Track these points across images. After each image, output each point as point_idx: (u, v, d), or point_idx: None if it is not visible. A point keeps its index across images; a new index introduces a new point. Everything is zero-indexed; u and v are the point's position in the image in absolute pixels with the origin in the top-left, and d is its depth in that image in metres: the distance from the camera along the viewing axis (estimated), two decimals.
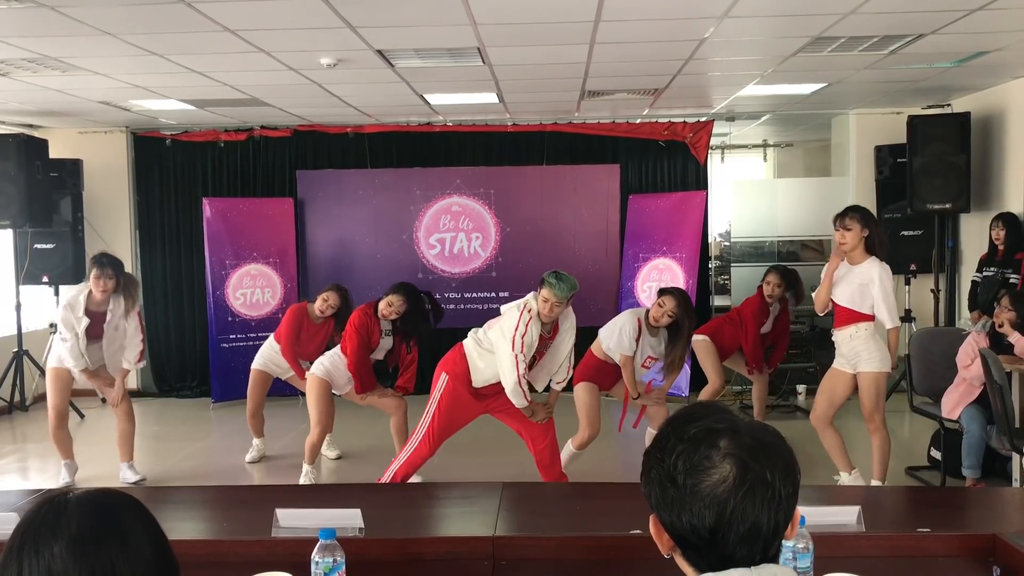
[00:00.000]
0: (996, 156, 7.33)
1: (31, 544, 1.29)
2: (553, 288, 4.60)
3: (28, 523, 1.31)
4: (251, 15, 4.58)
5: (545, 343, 4.88)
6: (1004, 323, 5.17)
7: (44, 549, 1.28)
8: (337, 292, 6.26)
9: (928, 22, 5.00)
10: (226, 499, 3.48)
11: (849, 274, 5.03)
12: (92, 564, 1.28)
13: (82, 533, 1.29)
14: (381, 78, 6.27)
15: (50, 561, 1.27)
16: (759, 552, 1.31)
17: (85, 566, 1.27)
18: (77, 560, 1.27)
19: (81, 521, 1.31)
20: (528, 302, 4.72)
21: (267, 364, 6.32)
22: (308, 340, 6.26)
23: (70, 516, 1.31)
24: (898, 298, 8.33)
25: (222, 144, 8.82)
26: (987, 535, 2.53)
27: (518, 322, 4.66)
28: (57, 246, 8.31)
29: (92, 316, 5.62)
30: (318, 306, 6.18)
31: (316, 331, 6.30)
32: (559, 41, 5.30)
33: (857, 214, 5.00)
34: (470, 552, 2.55)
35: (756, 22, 4.96)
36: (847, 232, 4.95)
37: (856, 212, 5.02)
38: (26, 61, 5.52)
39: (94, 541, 1.29)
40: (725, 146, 11.25)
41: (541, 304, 4.66)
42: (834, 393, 5.17)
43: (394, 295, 5.73)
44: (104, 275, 5.55)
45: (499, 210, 8.69)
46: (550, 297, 4.61)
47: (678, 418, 1.39)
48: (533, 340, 4.69)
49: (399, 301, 5.71)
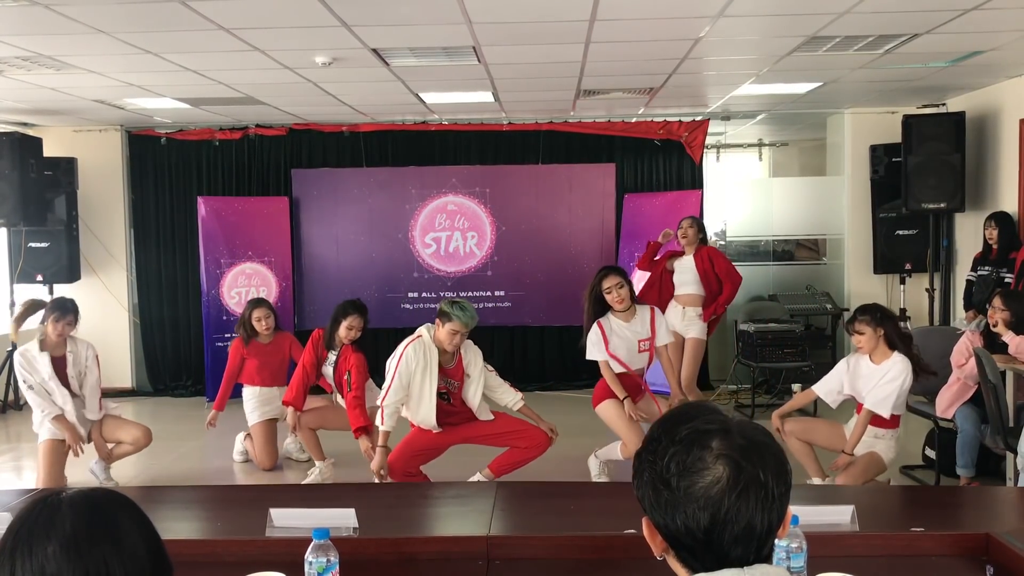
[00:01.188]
0: (990, 156, 7.34)
1: (24, 544, 1.28)
2: (460, 318, 4.72)
3: (21, 523, 1.31)
4: (246, 13, 4.57)
5: (450, 375, 4.91)
6: (998, 323, 5.18)
7: (38, 549, 1.27)
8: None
9: (923, 22, 5.01)
10: (220, 499, 3.48)
11: (874, 373, 4.70)
12: (86, 564, 1.27)
13: (76, 533, 1.29)
14: (376, 77, 6.26)
15: (43, 561, 1.26)
16: (753, 552, 1.32)
17: (79, 566, 1.27)
18: (71, 560, 1.27)
19: (75, 521, 1.30)
20: (419, 331, 4.87)
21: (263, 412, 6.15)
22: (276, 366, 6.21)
23: (64, 516, 1.30)
24: (893, 298, 8.42)
25: (217, 143, 8.80)
26: (980, 534, 2.53)
27: (401, 351, 4.80)
28: (51, 245, 8.29)
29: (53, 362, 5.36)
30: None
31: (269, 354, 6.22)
32: (554, 40, 5.29)
33: (867, 315, 4.71)
34: (464, 552, 2.55)
35: (751, 21, 4.96)
36: (860, 336, 4.71)
37: (865, 314, 4.73)
38: (20, 59, 5.50)
39: (88, 541, 1.29)
40: (720, 145, 11.25)
41: (447, 336, 4.76)
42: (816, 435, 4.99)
43: (353, 316, 5.59)
44: (65, 320, 5.32)
45: (495, 209, 8.69)
46: (458, 328, 4.73)
47: (668, 419, 1.39)
48: (427, 362, 4.76)
49: (359, 321, 5.60)
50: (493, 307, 8.64)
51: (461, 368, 4.95)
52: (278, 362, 6.26)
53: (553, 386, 8.65)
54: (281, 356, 6.27)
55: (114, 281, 8.81)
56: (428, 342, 4.81)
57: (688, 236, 6.78)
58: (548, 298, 8.70)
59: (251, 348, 6.15)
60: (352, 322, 5.61)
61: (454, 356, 4.91)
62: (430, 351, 4.78)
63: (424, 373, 4.78)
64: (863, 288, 8.60)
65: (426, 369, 4.78)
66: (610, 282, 5.22)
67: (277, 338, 6.26)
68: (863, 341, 4.70)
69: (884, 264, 8.32)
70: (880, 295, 8.58)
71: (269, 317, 6.15)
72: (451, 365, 4.91)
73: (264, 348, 6.18)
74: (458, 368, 4.94)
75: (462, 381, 4.96)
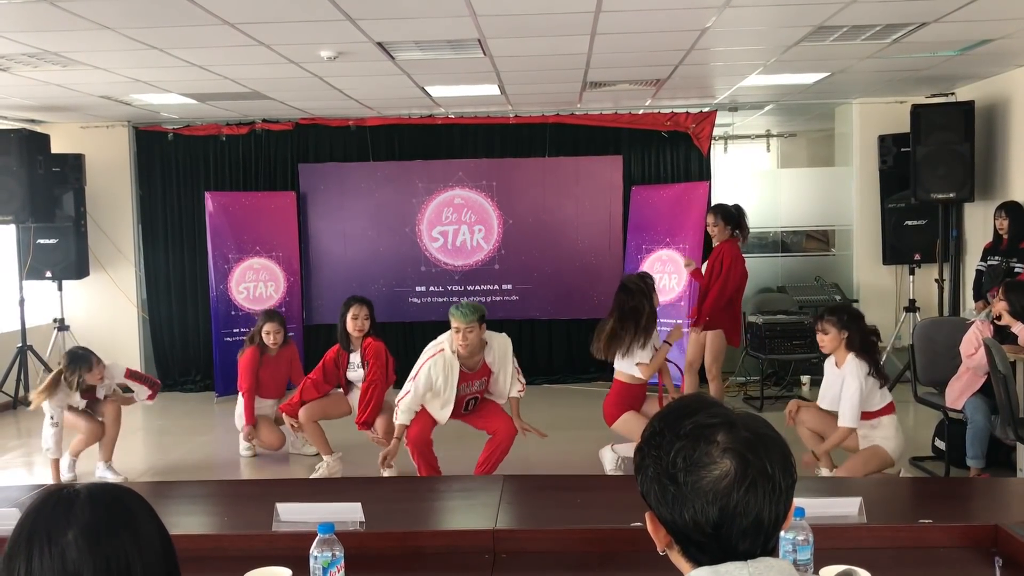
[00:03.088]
0: (1000, 145, 7.29)
1: (42, 533, 1.28)
2: (454, 316, 4.73)
3: (37, 512, 1.31)
4: (251, 8, 4.57)
5: (474, 379, 4.96)
6: (1001, 314, 5.15)
7: (57, 537, 1.28)
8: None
9: (931, 10, 4.97)
10: (227, 493, 3.49)
11: (836, 380, 4.73)
12: (107, 553, 1.28)
13: (96, 523, 1.30)
14: (382, 71, 6.25)
15: (64, 548, 1.27)
16: (760, 545, 1.31)
17: (99, 555, 1.28)
18: (92, 548, 1.28)
19: (94, 511, 1.31)
20: (440, 342, 4.89)
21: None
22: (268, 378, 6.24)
23: (82, 506, 1.31)
24: (902, 288, 8.38)
25: (224, 138, 8.81)
26: (988, 526, 2.52)
27: (423, 361, 4.86)
28: (60, 241, 8.32)
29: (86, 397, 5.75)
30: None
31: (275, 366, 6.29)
32: (560, 32, 5.28)
33: (834, 316, 4.74)
34: (471, 545, 2.55)
35: (758, 11, 4.93)
36: (823, 336, 4.73)
37: (833, 314, 4.76)
38: (27, 56, 5.51)
39: (108, 530, 1.30)
40: (728, 136, 11.21)
41: (454, 337, 4.78)
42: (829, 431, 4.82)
43: (355, 306, 5.66)
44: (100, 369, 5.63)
45: (501, 202, 8.67)
46: (458, 325, 4.72)
47: (670, 413, 1.38)
48: (446, 377, 4.81)
49: (362, 310, 5.67)
50: (500, 300, 8.63)
51: (486, 368, 5.01)
52: (281, 375, 6.36)
53: (561, 379, 8.64)
54: (284, 370, 6.36)
55: (122, 277, 8.83)
56: (449, 357, 4.82)
57: (714, 232, 6.77)
58: (555, 291, 8.69)
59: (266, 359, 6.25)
60: (355, 311, 5.65)
61: (477, 360, 4.93)
62: (450, 367, 4.82)
63: (443, 387, 4.85)
64: (872, 279, 8.57)
65: (446, 383, 4.84)
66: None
67: (282, 351, 6.31)
68: (825, 341, 4.74)
69: (893, 255, 8.28)
70: (889, 286, 8.55)
71: (279, 332, 6.19)
72: (475, 369, 4.96)
73: (269, 360, 6.24)
74: (483, 370, 5.01)
75: (488, 378, 5.03)
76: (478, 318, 4.78)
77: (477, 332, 4.79)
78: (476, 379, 4.99)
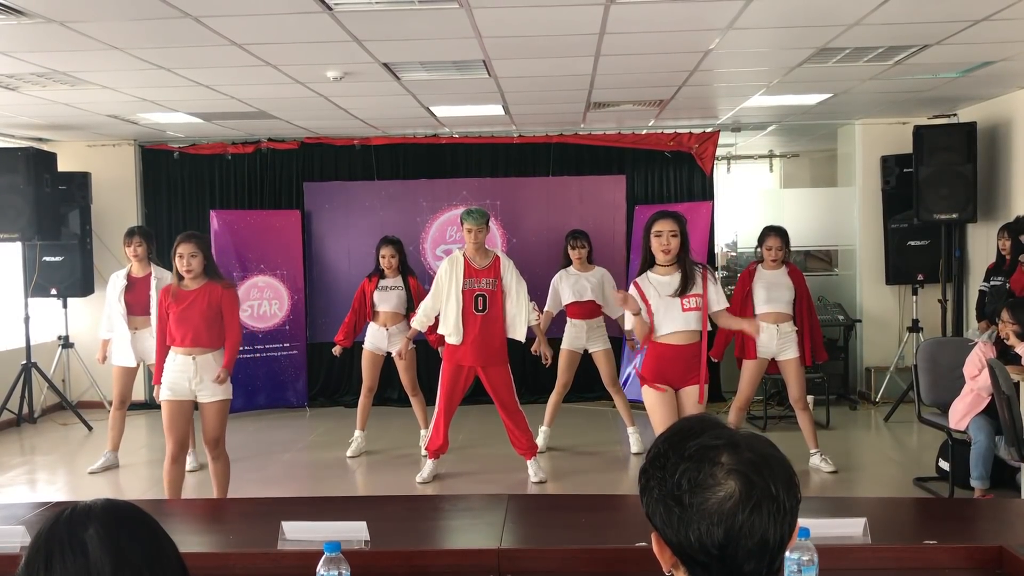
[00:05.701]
0: (1002, 166, 7.32)
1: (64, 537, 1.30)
2: (465, 220, 5.62)
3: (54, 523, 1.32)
4: (258, 29, 4.61)
5: (479, 277, 5.66)
6: (1009, 335, 5.14)
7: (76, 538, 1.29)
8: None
9: (933, 33, 5.01)
10: (233, 511, 3.49)
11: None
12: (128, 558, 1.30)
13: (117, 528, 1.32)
14: (387, 91, 6.29)
15: (85, 541, 1.29)
16: (766, 566, 1.31)
17: (120, 559, 1.30)
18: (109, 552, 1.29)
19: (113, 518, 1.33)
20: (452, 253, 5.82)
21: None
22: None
23: (96, 516, 1.33)
24: (905, 309, 8.38)
25: (229, 156, 8.86)
26: (993, 547, 2.52)
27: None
28: (66, 259, 8.35)
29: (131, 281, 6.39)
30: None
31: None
32: (564, 53, 5.32)
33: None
34: (476, 564, 2.55)
35: (761, 33, 4.97)
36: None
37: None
38: (35, 75, 5.56)
39: (128, 537, 1.32)
40: (731, 156, 11.25)
41: (465, 236, 5.67)
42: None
43: (385, 246, 6.58)
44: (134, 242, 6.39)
45: (505, 221, 8.70)
46: (470, 226, 5.59)
47: (674, 434, 1.38)
48: (453, 269, 5.62)
49: (390, 249, 6.54)
50: None
51: (496, 269, 5.71)
52: (196, 314, 4.96)
53: (567, 399, 8.60)
54: (201, 308, 4.97)
55: None
56: (457, 255, 5.73)
57: (772, 251, 6.15)
58: (559, 310, 8.67)
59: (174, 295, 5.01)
60: (384, 251, 6.60)
61: (487, 259, 5.70)
62: (455, 261, 5.68)
63: (451, 277, 5.64)
64: (875, 299, 8.57)
65: (452, 274, 5.64)
66: (661, 226, 4.49)
67: (204, 286, 5.01)
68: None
69: (896, 275, 8.29)
70: (892, 306, 8.55)
71: (195, 256, 4.95)
72: (484, 265, 5.69)
73: (184, 295, 4.96)
74: (492, 270, 5.70)
75: (498, 281, 5.70)
76: (485, 221, 5.66)
77: (485, 232, 5.67)
78: (484, 276, 5.68)
